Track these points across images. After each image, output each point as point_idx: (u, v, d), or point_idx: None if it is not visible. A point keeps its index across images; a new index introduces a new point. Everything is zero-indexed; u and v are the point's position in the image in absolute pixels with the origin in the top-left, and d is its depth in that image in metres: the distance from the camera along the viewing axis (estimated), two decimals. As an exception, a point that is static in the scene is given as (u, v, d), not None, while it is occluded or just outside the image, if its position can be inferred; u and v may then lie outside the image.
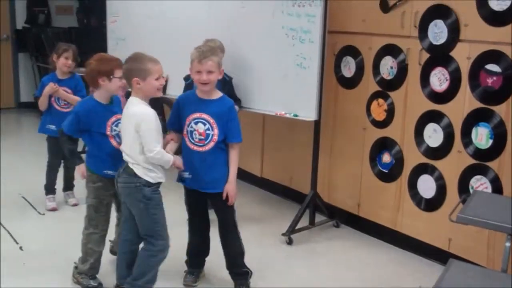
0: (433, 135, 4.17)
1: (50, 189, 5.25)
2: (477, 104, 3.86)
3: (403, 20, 4.25)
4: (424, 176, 4.26)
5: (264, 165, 5.81)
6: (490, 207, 3.27)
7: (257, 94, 4.79)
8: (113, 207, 3.82)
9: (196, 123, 3.52)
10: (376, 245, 4.64)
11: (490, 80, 3.77)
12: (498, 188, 3.77)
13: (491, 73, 3.76)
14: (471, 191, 3.88)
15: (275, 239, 4.64)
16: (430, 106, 4.16)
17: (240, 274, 3.75)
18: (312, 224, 4.87)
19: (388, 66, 4.43)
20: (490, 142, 3.81)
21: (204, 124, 3.50)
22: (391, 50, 4.39)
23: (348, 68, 4.77)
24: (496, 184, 3.79)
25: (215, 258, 3.86)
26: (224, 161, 3.57)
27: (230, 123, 3.54)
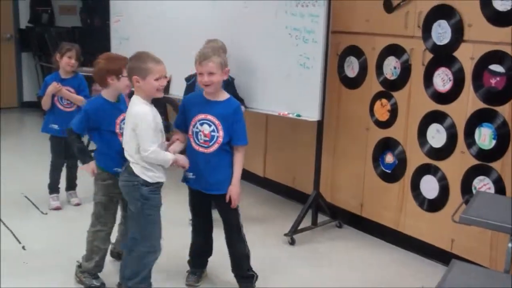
0: (436, 136, 4.16)
1: (54, 188, 5.24)
2: (480, 105, 3.86)
3: (407, 20, 4.25)
4: (427, 176, 4.26)
5: (267, 165, 5.81)
6: (493, 208, 3.27)
7: (260, 94, 4.79)
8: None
9: (201, 124, 3.50)
10: (378, 245, 4.63)
11: (493, 81, 3.76)
12: (501, 188, 3.77)
13: (494, 73, 3.75)
14: (474, 191, 3.88)
15: (277, 239, 4.63)
16: (434, 106, 4.16)
17: (245, 277, 3.72)
18: (314, 224, 4.87)
19: (391, 66, 4.43)
20: (493, 142, 3.80)
21: (210, 126, 3.49)
22: (395, 50, 4.39)
23: (352, 68, 4.76)
24: (499, 185, 3.79)
25: (218, 258, 3.86)
26: (228, 163, 3.56)
27: (236, 125, 3.51)
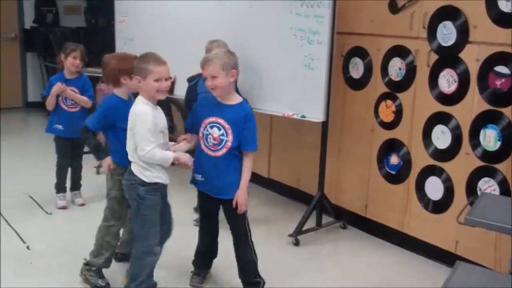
0: (441, 137, 4.15)
1: (60, 187, 5.25)
2: (485, 106, 3.85)
3: (412, 21, 4.24)
4: (431, 178, 4.25)
5: (272, 166, 5.80)
6: (498, 210, 3.26)
7: (264, 94, 4.78)
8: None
9: (211, 127, 3.47)
10: (383, 246, 4.63)
11: (498, 82, 3.76)
12: (506, 190, 3.76)
13: (500, 75, 3.74)
14: (479, 193, 3.87)
15: (282, 240, 4.64)
16: (439, 107, 4.15)
17: (251, 283, 3.67)
18: (319, 225, 4.87)
19: (396, 67, 4.42)
20: (498, 144, 3.79)
21: (219, 129, 3.45)
22: (400, 51, 4.39)
23: (356, 69, 4.76)
24: (504, 187, 3.78)
25: (223, 259, 3.86)
26: (236, 168, 3.50)
27: (246, 131, 3.46)
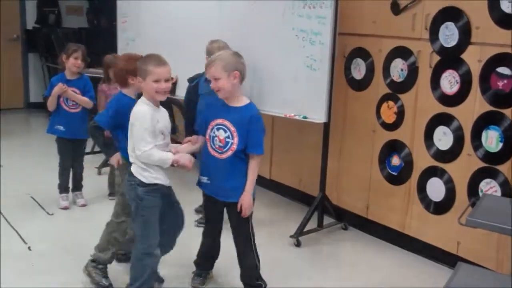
0: (443, 138, 4.15)
1: (63, 188, 5.25)
2: (487, 107, 3.85)
3: (414, 22, 4.24)
4: (433, 179, 4.25)
5: (273, 167, 5.80)
6: (499, 211, 3.26)
7: (266, 95, 4.78)
8: None
9: (218, 129, 3.42)
10: (384, 247, 4.63)
11: (501, 83, 3.75)
12: (507, 191, 3.76)
13: (502, 76, 3.74)
14: (481, 194, 3.87)
15: (283, 241, 4.63)
16: (440, 108, 4.15)
17: (253, 286, 3.64)
18: (320, 226, 4.87)
19: (398, 68, 4.42)
20: (500, 145, 3.79)
21: (225, 132, 3.40)
22: (402, 53, 4.38)
23: (358, 70, 4.76)
24: (505, 188, 3.77)
25: (225, 260, 3.85)
26: (242, 171, 3.43)
27: (251, 133, 3.38)
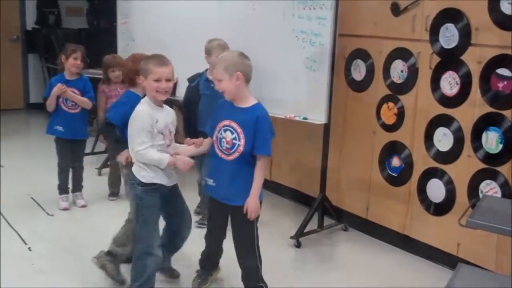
0: (443, 139, 4.15)
1: (63, 189, 5.25)
2: (487, 109, 3.85)
3: (414, 23, 4.25)
4: (433, 180, 4.25)
5: (273, 168, 5.80)
6: (499, 212, 3.25)
7: (266, 96, 4.75)
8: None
9: (225, 131, 3.36)
10: (384, 249, 4.63)
11: (501, 85, 3.76)
12: (508, 192, 3.76)
13: (502, 77, 3.75)
14: (481, 195, 3.87)
15: (283, 242, 4.63)
16: (440, 110, 4.15)
17: None
18: (320, 227, 4.87)
19: (398, 69, 4.43)
20: (500, 146, 3.79)
21: (232, 133, 3.34)
22: (402, 54, 4.39)
23: (358, 71, 4.76)
24: (506, 189, 3.78)
25: (226, 260, 3.84)
26: (249, 174, 3.35)
27: (258, 134, 3.31)
